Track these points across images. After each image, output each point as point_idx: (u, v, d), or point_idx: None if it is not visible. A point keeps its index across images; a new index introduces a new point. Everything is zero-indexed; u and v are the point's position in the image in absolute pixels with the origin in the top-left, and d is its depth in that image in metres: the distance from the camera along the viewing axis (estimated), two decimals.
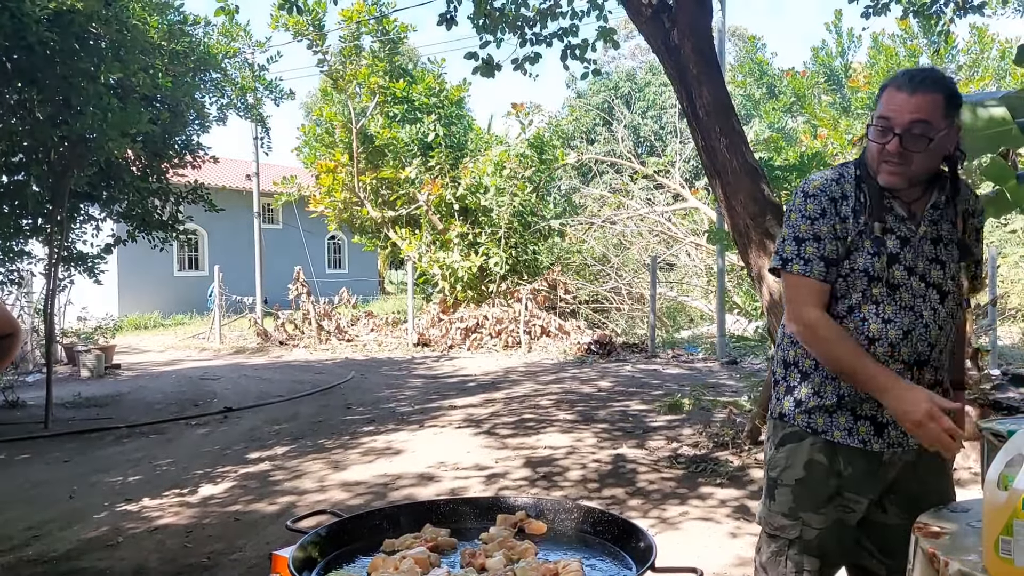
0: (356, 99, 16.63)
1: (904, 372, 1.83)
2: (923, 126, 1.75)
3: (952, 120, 1.79)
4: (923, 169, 1.81)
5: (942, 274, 1.85)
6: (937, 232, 1.86)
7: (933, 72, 1.83)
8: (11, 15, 6.30)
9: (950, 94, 1.79)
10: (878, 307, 1.83)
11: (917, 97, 1.75)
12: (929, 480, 1.94)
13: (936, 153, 1.80)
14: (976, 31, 17.14)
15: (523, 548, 1.51)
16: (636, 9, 5.25)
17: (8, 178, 8.16)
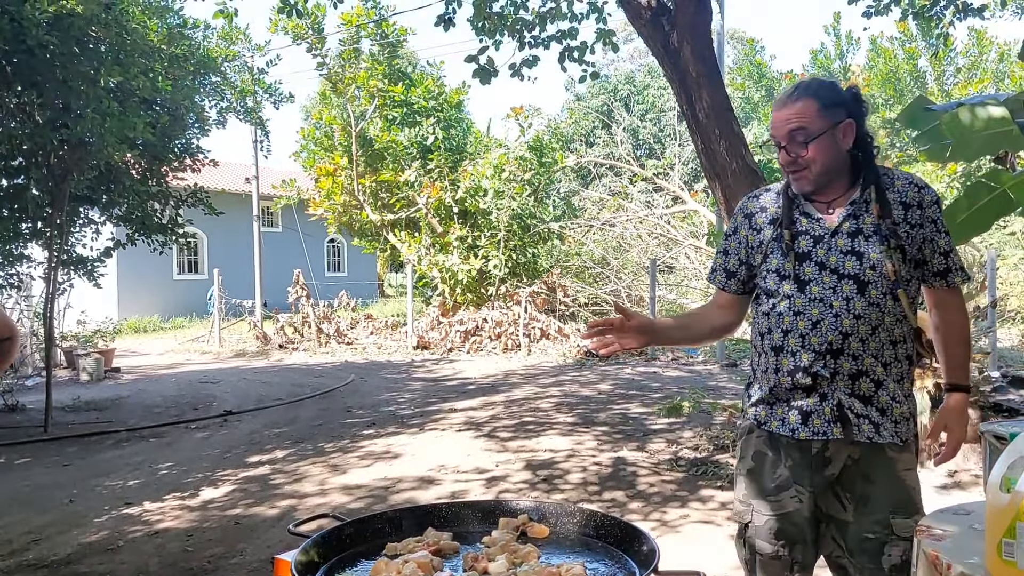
0: (355, 102, 16.65)
1: (818, 359, 1.92)
2: (799, 131, 1.91)
3: (836, 118, 1.92)
4: (823, 167, 1.93)
5: (858, 265, 1.91)
6: (857, 225, 1.94)
7: (801, 83, 1.98)
8: (11, 19, 6.31)
9: (823, 96, 1.93)
10: (790, 301, 1.96)
11: (786, 109, 1.93)
12: (878, 480, 1.93)
13: (828, 150, 1.92)
14: (975, 34, 17.16)
15: (526, 552, 1.51)
16: (636, 12, 5.26)
17: (8, 182, 8.16)
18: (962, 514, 1.87)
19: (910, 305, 1.97)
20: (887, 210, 1.93)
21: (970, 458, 5.03)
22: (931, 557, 1.58)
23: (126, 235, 9.51)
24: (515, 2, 7.46)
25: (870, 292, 1.91)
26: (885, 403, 1.94)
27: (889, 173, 1.99)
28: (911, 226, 1.93)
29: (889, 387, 1.94)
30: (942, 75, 17.29)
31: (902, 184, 1.96)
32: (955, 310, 2.00)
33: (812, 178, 1.94)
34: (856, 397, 1.94)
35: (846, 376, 1.93)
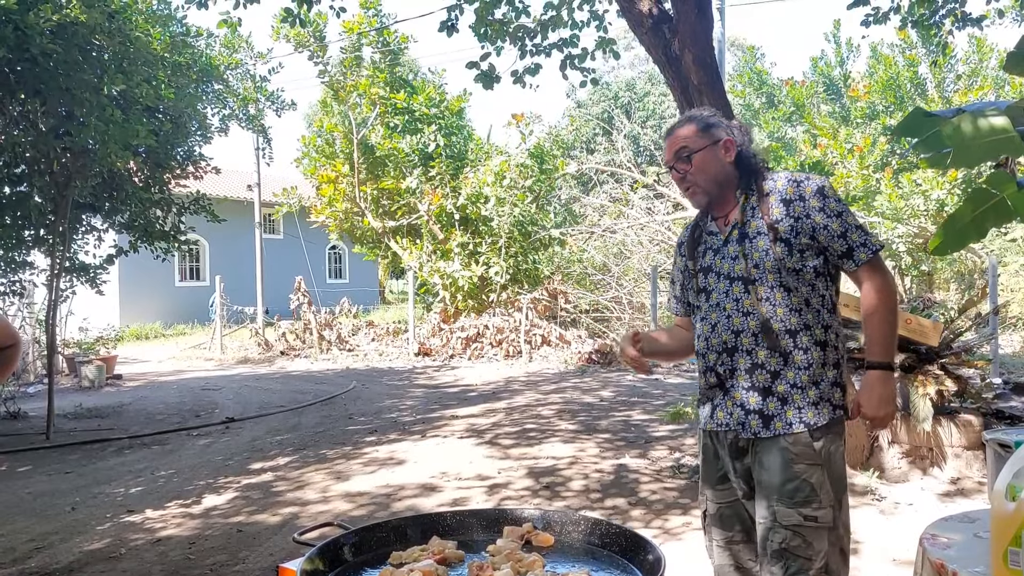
0: (357, 110, 16.68)
1: (719, 359, 2.12)
2: (683, 150, 2.16)
3: (715, 137, 2.16)
4: (708, 179, 2.16)
5: (744, 265, 2.08)
6: (743, 231, 2.11)
7: (686, 115, 2.27)
8: (15, 27, 6.33)
9: (702, 120, 2.20)
10: (701, 311, 2.20)
11: (671, 138, 2.21)
12: (770, 467, 2.03)
13: (711, 163, 2.15)
14: (975, 41, 17.19)
15: (530, 560, 1.51)
16: (637, 20, 5.27)
17: (11, 189, 8.17)
18: (967, 522, 1.87)
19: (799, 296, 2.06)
20: (793, 208, 2.06)
21: (972, 465, 5.03)
22: (936, 565, 1.58)
23: (128, 242, 9.52)
24: (516, 9, 7.48)
25: (757, 289, 2.05)
26: (784, 392, 2.04)
27: (773, 177, 2.15)
28: (795, 219, 2.05)
29: (788, 376, 2.04)
30: (942, 82, 17.32)
31: (782, 184, 2.11)
32: (871, 288, 2.05)
33: (703, 190, 2.17)
34: (755, 390, 2.06)
35: (743, 371, 2.08)
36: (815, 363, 2.05)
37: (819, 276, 2.09)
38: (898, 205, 12.40)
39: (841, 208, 2.06)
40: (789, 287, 2.05)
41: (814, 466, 1.99)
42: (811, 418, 2.02)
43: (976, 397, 5.47)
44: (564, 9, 7.40)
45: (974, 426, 5.06)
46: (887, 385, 2.04)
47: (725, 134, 2.18)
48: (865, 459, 5.21)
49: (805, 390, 2.03)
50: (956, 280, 15.15)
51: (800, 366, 2.04)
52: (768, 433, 2.04)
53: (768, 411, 2.05)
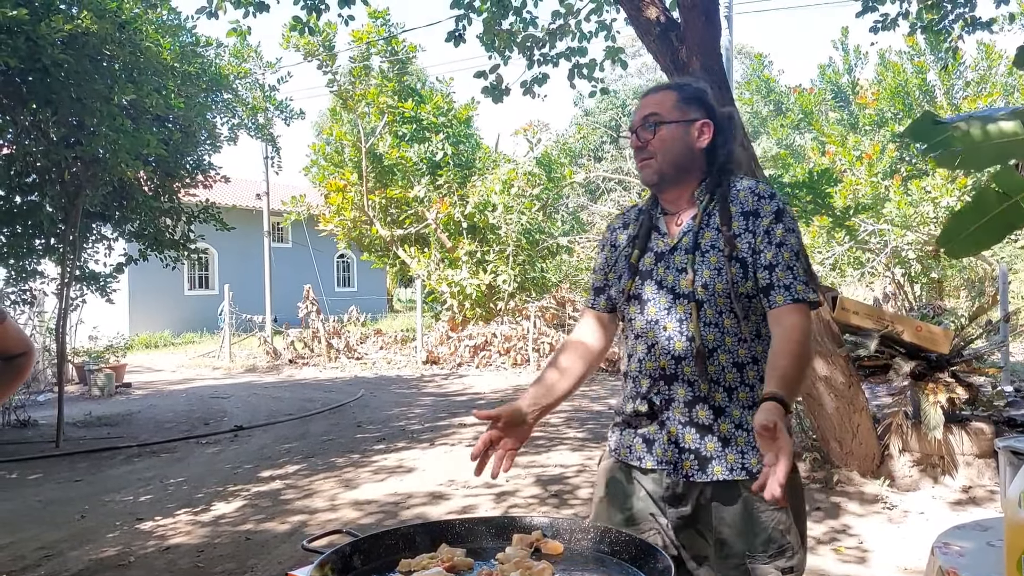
0: (365, 118, 16.75)
1: (652, 387, 1.81)
2: (652, 116, 1.83)
3: (692, 115, 1.84)
4: (669, 159, 1.83)
5: (691, 282, 1.77)
6: (695, 240, 1.81)
7: (673, 80, 2.01)
8: (26, 38, 6.38)
9: (685, 91, 1.88)
10: (633, 323, 1.87)
11: (647, 98, 1.89)
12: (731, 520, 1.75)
13: (677, 142, 1.83)
14: (983, 47, 17.14)
15: (540, 568, 1.50)
16: (644, 27, 5.28)
17: (22, 198, 8.23)
18: (979, 530, 1.86)
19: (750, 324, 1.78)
20: (726, 220, 1.79)
21: (984, 473, 4.99)
22: (949, 573, 1.57)
23: (138, 251, 9.57)
24: (524, 19, 7.51)
25: (705, 311, 1.76)
26: (727, 432, 1.75)
27: (736, 184, 1.86)
28: (753, 236, 1.78)
29: (734, 414, 1.76)
30: (951, 89, 17.27)
31: (744, 194, 1.82)
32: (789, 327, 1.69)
33: (657, 167, 1.84)
34: (693, 426, 1.77)
35: (681, 403, 1.78)
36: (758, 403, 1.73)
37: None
38: (907, 212, 12.35)
39: (787, 239, 1.76)
40: (740, 314, 1.76)
41: (779, 510, 1.73)
42: (754, 465, 1.73)
43: (987, 405, 5.44)
44: (571, 19, 7.42)
45: (985, 434, 5.03)
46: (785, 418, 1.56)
47: (705, 115, 1.86)
48: (876, 467, 5.18)
49: (751, 432, 1.73)
50: (966, 287, 15.07)
51: (746, 404, 1.77)
52: (703, 478, 1.75)
53: (706, 452, 1.76)
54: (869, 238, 12.21)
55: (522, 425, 1.85)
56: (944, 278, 14.38)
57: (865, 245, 12.65)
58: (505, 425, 1.83)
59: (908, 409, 5.34)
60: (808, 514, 4.82)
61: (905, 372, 4.99)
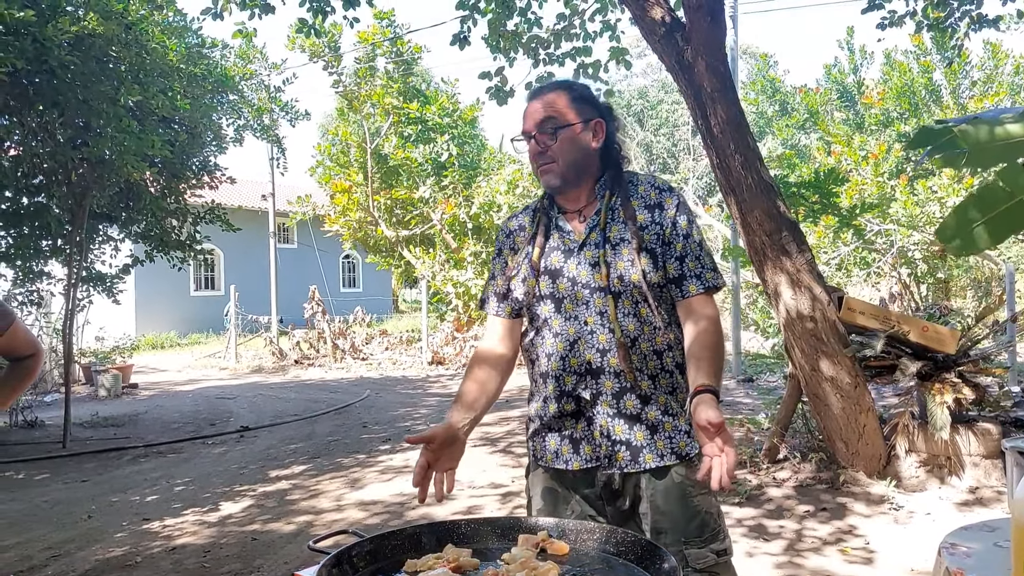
0: (371, 119, 16.77)
1: (579, 383, 1.83)
2: (549, 121, 1.84)
3: (586, 115, 1.87)
4: (570, 160, 1.84)
5: (606, 276, 1.79)
6: (604, 235, 1.84)
7: (557, 80, 1.97)
8: (33, 39, 6.41)
9: (575, 90, 1.90)
10: (549, 322, 1.87)
11: (537, 100, 1.88)
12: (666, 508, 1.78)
13: (576, 145, 1.85)
14: (990, 47, 17.09)
15: (545, 568, 1.50)
16: (650, 27, 5.28)
17: (29, 200, 8.27)
18: (987, 531, 1.85)
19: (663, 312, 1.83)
20: (630, 214, 1.84)
21: (991, 474, 4.97)
22: (955, 574, 1.57)
23: (145, 252, 9.61)
24: (529, 20, 7.51)
25: (622, 303, 1.80)
26: (655, 419, 1.80)
27: (634, 179, 1.91)
28: (660, 228, 1.84)
29: (660, 400, 1.81)
30: (957, 88, 17.22)
31: (644, 188, 1.89)
32: (708, 321, 1.78)
33: (559, 171, 1.85)
34: (622, 417, 1.80)
35: (609, 395, 1.81)
36: (680, 386, 1.83)
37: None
38: (913, 212, 12.32)
39: (691, 229, 1.83)
40: (654, 303, 1.80)
41: (708, 495, 1.79)
42: (683, 448, 1.80)
43: (994, 405, 5.42)
44: (576, 19, 7.42)
45: (992, 434, 5.01)
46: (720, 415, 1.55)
47: (596, 113, 1.90)
48: (882, 468, 5.17)
49: (676, 416, 1.81)
50: (973, 287, 15.03)
51: (668, 390, 1.82)
52: (636, 467, 1.79)
53: (636, 442, 1.79)
54: (875, 238, 12.19)
55: (455, 443, 1.86)
56: (951, 278, 14.34)
57: (871, 245, 12.62)
58: (440, 445, 1.81)
59: (914, 409, 5.33)
60: (814, 514, 4.81)
61: (911, 372, 4.97)
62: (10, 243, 8.33)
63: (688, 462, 1.80)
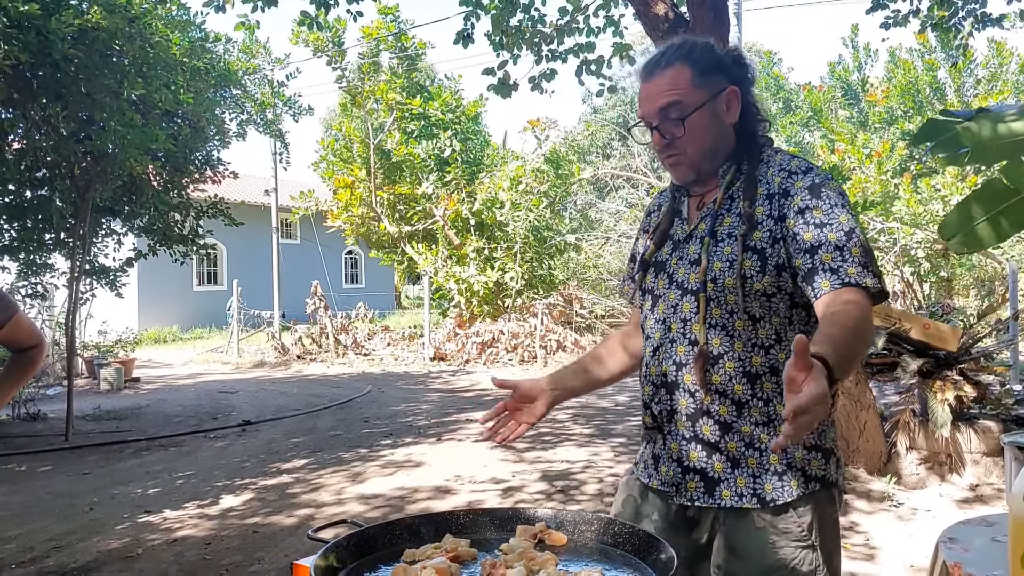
0: (374, 115, 16.77)
1: (655, 395, 1.60)
2: (673, 107, 1.51)
3: (716, 86, 1.52)
4: (703, 149, 1.54)
5: (700, 277, 1.50)
6: (712, 227, 1.53)
7: (669, 47, 1.56)
8: (37, 32, 6.42)
9: (698, 59, 1.53)
10: (644, 322, 1.66)
11: (655, 81, 1.53)
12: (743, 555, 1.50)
13: (709, 129, 1.52)
14: (995, 45, 17.04)
15: (543, 559, 1.51)
16: (653, 24, 5.27)
17: (32, 193, 8.29)
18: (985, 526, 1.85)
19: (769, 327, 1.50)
20: (748, 204, 1.50)
21: (992, 472, 4.97)
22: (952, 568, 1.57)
23: (147, 246, 9.62)
24: (532, 17, 7.49)
25: (712, 311, 1.50)
26: (736, 451, 1.50)
27: (769, 158, 1.55)
28: (775, 222, 1.48)
29: (743, 431, 1.50)
30: (961, 86, 17.17)
31: (773, 171, 1.52)
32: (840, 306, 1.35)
33: (691, 163, 1.55)
34: (698, 442, 1.53)
35: (683, 415, 1.55)
36: (776, 419, 1.49)
37: (796, 307, 1.50)
38: (917, 211, 12.30)
39: (832, 217, 1.41)
40: (755, 315, 1.49)
41: (806, 547, 1.46)
42: (769, 491, 1.47)
43: (995, 403, 5.41)
44: (579, 15, 7.41)
45: (993, 432, 5.01)
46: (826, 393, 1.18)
47: (727, 80, 1.54)
48: (883, 465, 5.17)
49: (765, 453, 1.48)
50: (975, 286, 15.00)
51: (757, 420, 1.49)
52: (711, 502, 1.52)
53: (713, 472, 1.52)
54: (878, 236, 12.16)
55: (535, 402, 1.71)
56: (954, 277, 14.32)
57: (874, 243, 12.61)
58: (519, 398, 1.71)
59: (916, 407, 5.33)
60: None
61: (913, 370, 4.97)
62: (13, 236, 8.35)
63: (775, 510, 1.48)
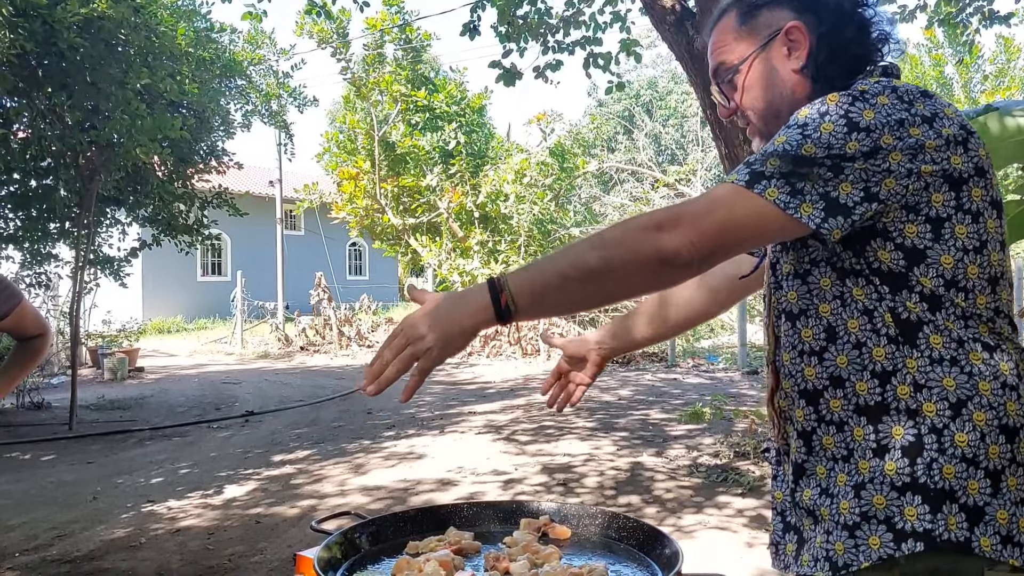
0: (378, 106, 16.76)
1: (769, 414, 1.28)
2: (722, 69, 1.27)
3: (769, 31, 1.22)
4: (760, 113, 1.25)
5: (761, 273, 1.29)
6: None
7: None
8: (43, 21, 6.42)
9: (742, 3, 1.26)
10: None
11: (712, 40, 1.30)
12: None
13: (764, 84, 1.22)
14: (1002, 40, 16.97)
15: (547, 553, 1.51)
16: (660, 16, 5.25)
17: (37, 182, 8.30)
18: None
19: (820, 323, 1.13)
20: None
21: None
22: None
23: (152, 235, 9.63)
24: (539, 10, 7.48)
25: (772, 307, 1.23)
26: (810, 501, 1.13)
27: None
28: None
29: (819, 473, 1.13)
30: (969, 82, 17.11)
31: None
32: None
33: (760, 129, 1.26)
34: (788, 490, 1.21)
35: (773, 456, 1.30)
36: (857, 451, 1.08)
37: (850, 275, 1.10)
38: None
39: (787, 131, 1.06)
40: (791, 311, 1.17)
41: None
42: (840, 553, 1.06)
43: None
44: (585, 6, 7.39)
45: None
46: (452, 301, 1.10)
47: (786, 14, 1.21)
48: None
49: (837, 499, 1.08)
50: None
51: (836, 455, 1.11)
52: (795, 569, 1.16)
53: (805, 530, 1.15)
54: None
55: (584, 360, 1.60)
56: None
57: None
58: (569, 358, 1.61)
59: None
60: None
61: None
62: (18, 225, 8.36)
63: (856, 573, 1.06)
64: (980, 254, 1.07)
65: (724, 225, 1.05)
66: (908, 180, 1.04)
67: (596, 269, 1.06)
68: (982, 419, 1.03)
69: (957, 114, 1.08)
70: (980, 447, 1.02)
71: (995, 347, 1.07)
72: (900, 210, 1.06)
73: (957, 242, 1.06)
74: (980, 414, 1.03)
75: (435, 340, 1.08)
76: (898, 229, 1.07)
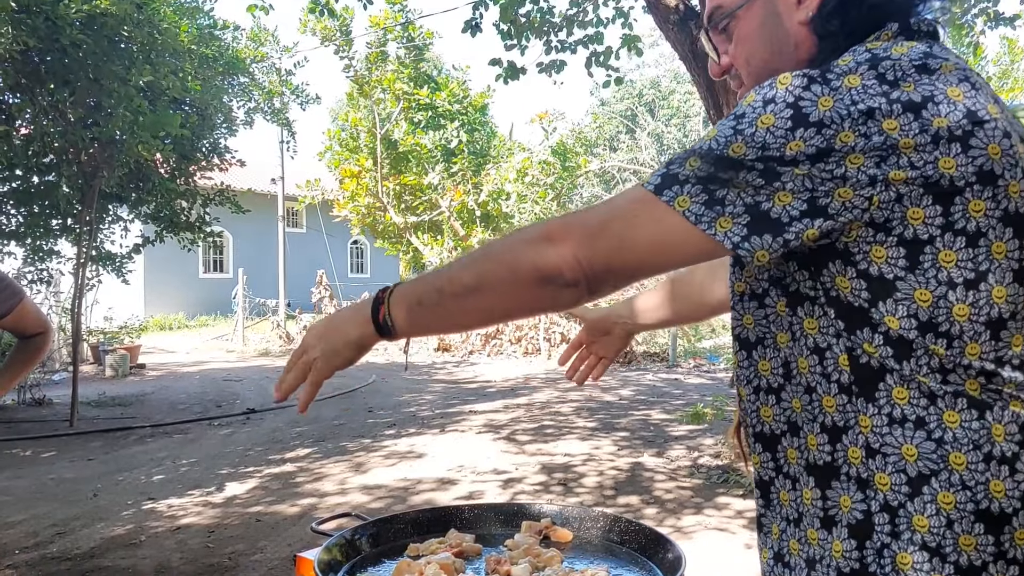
0: (381, 105, 16.74)
1: None
2: (716, 13, 1.03)
3: None
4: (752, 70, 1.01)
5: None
6: None
7: None
8: (45, 17, 6.41)
9: None
10: None
11: None
12: None
13: (757, 35, 0.99)
14: (1007, 42, 16.93)
15: (548, 556, 1.50)
16: (663, 15, 5.24)
17: (39, 179, 8.30)
18: None
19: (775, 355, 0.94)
20: None
21: None
22: None
23: (154, 232, 9.63)
24: (541, 9, 7.47)
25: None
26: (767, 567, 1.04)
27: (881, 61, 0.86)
28: None
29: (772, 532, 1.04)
30: None
31: None
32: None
33: (752, 86, 0.98)
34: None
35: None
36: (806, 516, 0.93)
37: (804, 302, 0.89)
38: None
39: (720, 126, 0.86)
40: (747, 338, 0.98)
41: None
42: None
43: None
44: (589, 4, 7.38)
45: None
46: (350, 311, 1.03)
47: None
48: None
49: (793, 572, 0.96)
50: None
51: (788, 516, 0.97)
52: None
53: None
54: None
55: (608, 335, 1.50)
56: None
57: None
58: (590, 329, 1.51)
59: None
60: None
61: None
62: (20, 222, 8.36)
63: None
64: (974, 289, 0.81)
65: (621, 241, 0.86)
66: (872, 190, 0.79)
67: (471, 285, 0.91)
68: (949, 501, 0.81)
69: (973, 96, 0.84)
70: (946, 536, 0.81)
71: (990, 405, 0.82)
72: (864, 227, 0.82)
73: (940, 273, 0.81)
74: (947, 495, 0.81)
75: (321, 351, 1.03)
76: (862, 251, 0.83)
